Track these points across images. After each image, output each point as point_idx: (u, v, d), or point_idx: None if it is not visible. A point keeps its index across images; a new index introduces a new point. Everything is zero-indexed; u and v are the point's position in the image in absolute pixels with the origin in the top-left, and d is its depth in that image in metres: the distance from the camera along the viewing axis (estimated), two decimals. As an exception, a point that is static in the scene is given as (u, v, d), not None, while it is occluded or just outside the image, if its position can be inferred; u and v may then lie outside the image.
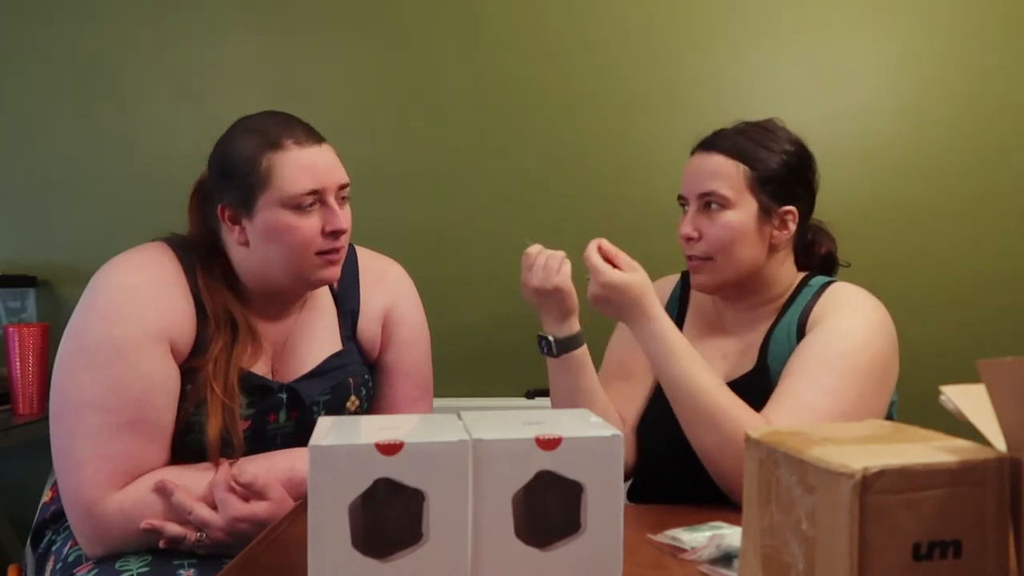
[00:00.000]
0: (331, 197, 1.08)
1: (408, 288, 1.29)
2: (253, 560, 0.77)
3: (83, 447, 1.00)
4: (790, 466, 0.50)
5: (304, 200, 1.05)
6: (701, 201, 1.12)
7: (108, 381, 1.01)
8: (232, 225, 1.09)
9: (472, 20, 2.02)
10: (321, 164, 1.08)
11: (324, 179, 1.07)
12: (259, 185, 1.06)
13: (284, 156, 1.06)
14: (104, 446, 1.00)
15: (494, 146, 2.01)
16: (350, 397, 1.19)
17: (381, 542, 0.61)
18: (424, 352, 1.28)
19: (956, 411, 0.52)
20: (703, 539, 0.78)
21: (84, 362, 1.03)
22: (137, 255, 1.13)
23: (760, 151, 1.13)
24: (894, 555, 0.44)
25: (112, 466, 1.00)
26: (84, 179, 2.05)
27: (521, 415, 0.71)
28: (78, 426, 1.01)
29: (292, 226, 1.05)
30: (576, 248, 1.10)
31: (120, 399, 1.01)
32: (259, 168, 1.06)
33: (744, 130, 1.15)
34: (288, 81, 2.03)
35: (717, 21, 1.99)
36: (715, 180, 1.10)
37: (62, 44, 2.06)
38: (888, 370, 1.10)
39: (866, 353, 1.05)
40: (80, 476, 1.00)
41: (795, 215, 1.14)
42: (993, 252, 1.95)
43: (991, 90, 1.95)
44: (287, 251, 1.07)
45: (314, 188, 1.06)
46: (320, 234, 1.07)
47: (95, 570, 1.00)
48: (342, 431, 0.64)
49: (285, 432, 1.13)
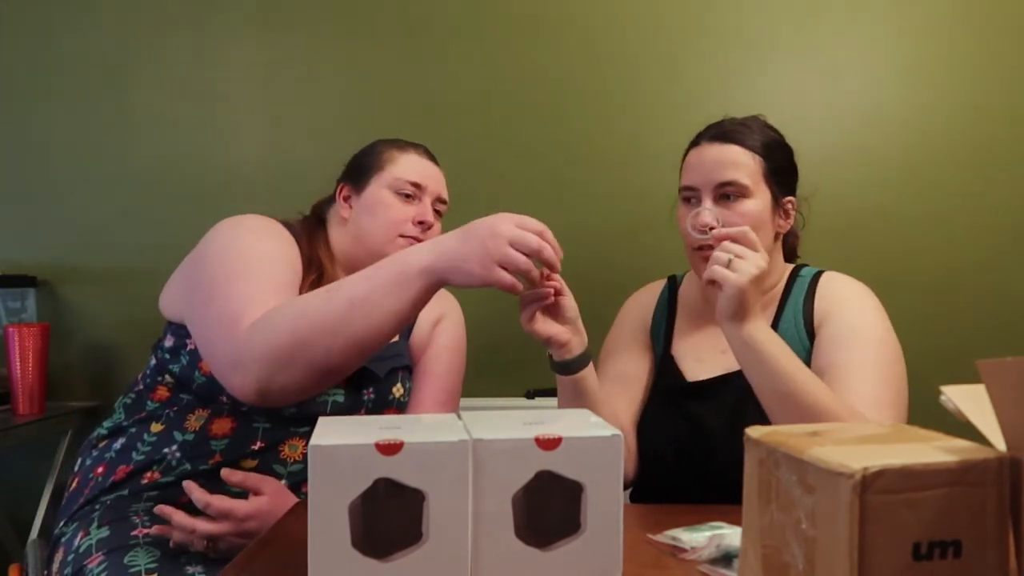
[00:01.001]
0: (428, 198, 1.26)
1: (458, 310, 1.42)
2: (253, 560, 0.77)
3: (239, 302, 1.00)
4: (790, 466, 0.50)
5: (406, 187, 1.24)
6: (718, 191, 1.13)
7: (259, 263, 1.07)
8: (344, 202, 1.28)
9: (476, 16, 2.02)
10: (430, 172, 1.28)
11: (428, 181, 1.26)
12: (376, 167, 1.26)
13: (403, 154, 1.27)
14: (258, 296, 1.00)
15: (495, 146, 2.01)
16: (397, 384, 1.27)
17: (381, 542, 0.61)
18: (458, 364, 1.36)
19: (956, 411, 0.52)
20: (703, 539, 0.78)
21: (234, 256, 1.08)
22: (255, 215, 1.21)
23: (770, 143, 1.17)
24: (894, 555, 0.44)
25: (263, 306, 0.98)
26: (84, 179, 2.05)
27: (521, 415, 0.71)
28: (233, 290, 1.02)
29: (390, 204, 1.23)
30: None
31: (273, 280, 1.06)
32: (381, 156, 1.27)
33: (748, 123, 1.18)
34: (289, 81, 2.03)
35: (717, 21, 1.99)
36: (736, 170, 1.12)
37: (62, 44, 2.06)
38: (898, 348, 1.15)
39: (890, 338, 1.12)
40: (235, 319, 0.98)
41: (795, 205, 1.20)
42: (993, 252, 1.95)
43: (990, 91, 1.95)
44: (379, 226, 1.22)
45: (417, 182, 1.24)
46: (410, 221, 1.23)
47: (105, 561, 1.01)
48: (342, 431, 0.64)
49: (336, 401, 1.19)
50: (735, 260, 0.98)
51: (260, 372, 0.93)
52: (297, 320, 0.93)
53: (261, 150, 2.03)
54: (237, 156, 2.04)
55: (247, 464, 1.13)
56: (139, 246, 2.04)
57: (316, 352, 0.92)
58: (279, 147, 2.03)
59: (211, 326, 1.01)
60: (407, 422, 0.68)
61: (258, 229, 1.16)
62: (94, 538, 1.06)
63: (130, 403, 1.22)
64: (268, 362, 0.93)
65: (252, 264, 1.06)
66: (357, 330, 0.93)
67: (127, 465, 1.15)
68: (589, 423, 0.69)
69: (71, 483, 1.20)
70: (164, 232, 2.00)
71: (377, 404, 1.23)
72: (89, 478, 1.17)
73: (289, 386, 0.95)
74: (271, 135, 2.04)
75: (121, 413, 1.22)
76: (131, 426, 1.19)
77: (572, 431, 0.64)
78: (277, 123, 2.03)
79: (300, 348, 0.92)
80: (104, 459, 1.18)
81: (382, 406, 1.24)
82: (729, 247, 0.99)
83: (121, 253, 2.03)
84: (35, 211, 2.05)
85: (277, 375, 0.93)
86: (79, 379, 2.03)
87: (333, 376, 0.97)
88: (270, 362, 0.93)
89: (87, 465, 1.20)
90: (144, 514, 1.10)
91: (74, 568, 1.04)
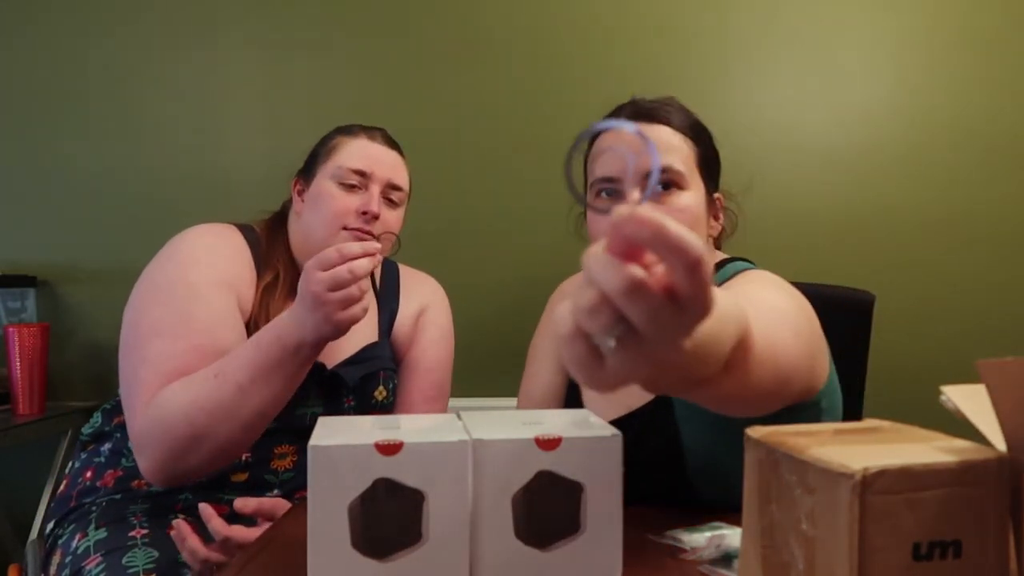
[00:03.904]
0: (375, 186, 1.17)
1: (442, 298, 1.37)
2: (253, 560, 0.77)
3: (149, 369, 1.02)
4: (790, 466, 0.50)
5: (350, 177, 1.16)
6: (647, 181, 0.91)
7: (179, 313, 1.06)
8: (298, 196, 1.23)
9: (477, 21, 2.02)
10: (378, 156, 1.19)
11: (374, 167, 1.17)
12: (322, 157, 1.20)
13: (349, 141, 1.20)
14: (166, 363, 1.02)
15: (496, 146, 2.01)
16: (379, 387, 1.24)
17: (381, 542, 0.61)
18: (446, 356, 1.34)
19: (956, 411, 0.52)
20: (703, 539, 0.78)
21: (158, 298, 1.08)
22: (211, 225, 1.21)
23: (696, 127, 0.98)
24: (894, 555, 0.44)
25: (167, 379, 1.01)
26: (84, 179, 2.05)
27: (521, 415, 0.71)
28: (147, 352, 1.04)
29: (333, 196, 1.16)
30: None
31: (188, 328, 1.05)
32: (328, 145, 1.21)
33: (669, 103, 0.99)
34: (289, 82, 2.03)
35: (718, 21, 1.99)
36: (668, 154, 0.93)
37: (62, 45, 2.06)
38: (819, 328, 0.86)
39: (803, 304, 0.85)
40: (141, 393, 1.02)
41: (723, 203, 1.02)
42: (993, 253, 1.95)
43: (991, 91, 1.95)
44: (322, 220, 1.16)
45: (361, 169, 1.16)
46: (354, 212, 1.15)
47: (103, 562, 1.01)
48: (342, 431, 0.64)
49: (315, 412, 1.17)
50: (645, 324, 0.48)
51: (162, 459, 0.99)
52: (190, 409, 0.97)
53: (261, 151, 2.03)
54: (237, 157, 2.04)
55: (238, 478, 1.13)
56: (139, 246, 2.02)
57: (216, 437, 0.97)
58: (279, 148, 2.03)
59: (125, 390, 1.05)
60: (407, 422, 0.68)
61: (196, 253, 1.12)
62: (92, 539, 1.06)
63: (110, 408, 1.23)
64: (167, 451, 0.98)
65: (173, 308, 1.06)
66: (251, 411, 0.98)
67: (117, 470, 1.16)
68: (589, 423, 0.69)
69: (61, 485, 1.21)
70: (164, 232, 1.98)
71: (359, 411, 1.21)
72: (78, 481, 1.18)
73: (193, 469, 1.00)
74: (271, 136, 2.03)
75: (99, 417, 1.23)
76: (114, 431, 1.19)
77: (572, 431, 0.64)
78: (277, 124, 2.03)
79: (198, 437, 0.97)
80: (92, 463, 1.18)
81: (364, 412, 1.22)
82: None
83: (121, 253, 2.03)
84: (35, 211, 2.05)
85: (179, 462, 0.98)
86: (79, 379, 2.03)
87: (238, 451, 1.02)
88: (169, 451, 0.98)
89: (76, 468, 1.20)
90: (142, 515, 1.10)
91: (72, 569, 1.04)
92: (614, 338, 0.38)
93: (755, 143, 1.97)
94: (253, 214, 1.30)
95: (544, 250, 1.95)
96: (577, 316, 0.39)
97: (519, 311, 1.81)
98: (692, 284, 0.36)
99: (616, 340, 0.38)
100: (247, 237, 1.20)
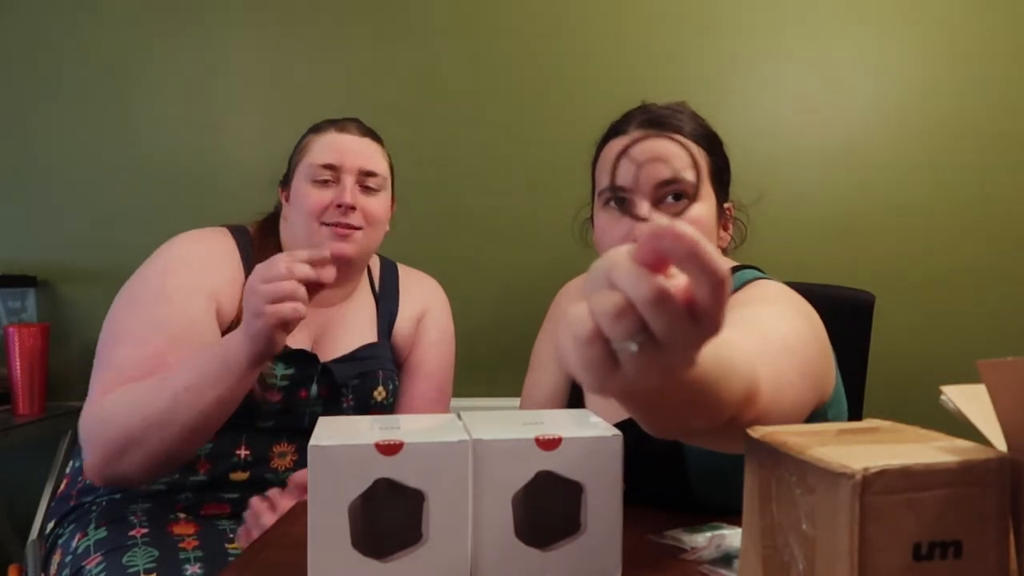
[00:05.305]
0: (348, 177, 1.16)
1: (443, 299, 1.37)
2: (253, 560, 0.77)
3: (109, 373, 1.03)
4: (790, 466, 0.50)
5: (321, 173, 1.16)
6: (659, 192, 0.92)
7: (148, 318, 1.06)
8: (284, 200, 1.24)
9: (477, 15, 2.02)
10: (347, 147, 1.18)
11: (343, 159, 1.17)
12: (297, 158, 1.21)
13: (318, 138, 1.20)
14: (127, 369, 1.02)
15: (499, 146, 2.01)
16: (378, 387, 1.23)
17: (381, 542, 0.61)
18: (448, 358, 1.34)
19: (956, 411, 0.52)
20: (703, 539, 0.78)
21: (133, 304, 1.08)
22: (198, 231, 1.21)
23: (709, 136, 0.97)
24: (894, 555, 0.44)
25: (125, 383, 1.01)
26: (84, 179, 2.05)
27: (521, 415, 0.71)
28: (113, 356, 1.04)
29: (307, 195, 1.16)
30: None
31: (155, 334, 1.04)
32: (300, 145, 1.22)
33: (679, 109, 0.99)
34: (289, 80, 2.03)
35: (718, 21, 1.99)
36: (683, 166, 0.92)
37: (62, 43, 2.06)
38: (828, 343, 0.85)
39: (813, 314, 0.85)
40: (94, 394, 1.03)
41: (732, 213, 1.01)
42: (993, 253, 1.95)
43: (992, 91, 1.95)
44: (301, 219, 1.17)
45: (331, 163, 1.16)
46: (329, 206, 1.15)
47: (104, 562, 1.01)
48: (342, 431, 0.64)
49: (314, 412, 1.17)
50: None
51: (100, 460, 1.00)
52: (128, 416, 0.98)
53: (261, 150, 2.03)
54: (237, 156, 2.03)
55: (238, 476, 1.14)
56: (139, 246, 2.00)
57: (151, 444, 0.97)
58: (279, 147, 2.02)
59: (90, 385, 1.05)
60: (407, 422, 0.68)
61: (174, 262, 1.13)
62: (92, 539, 1.06)
63: None
64: (104, 454, 0.99)
65: (144, 315, 1.06)
66: (186, 420, 0.97)
67: None
68: (589, 423, 0.69)
69: (61, 484, 1.21)
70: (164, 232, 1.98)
71: (358, 411, 1.21)
72: (78, 480, 1.18)
73: (130, 473, 1.00)
74: (271, 134, 2.03)
75: None
76: None
77: (572, 431, 0.64)
78: (278, 122, 2.03)
79: (134, 443, 0.97)
80: None
81: (364, 412, 1.22)
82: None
83: (121, 253, 2.03)
84: (35, 211, 2.05)
85: (114, 463, 0.99)
86: (79, 379, 2.03)
87: (177, 460, 1.02)
88: (105, 454, 0.99)
89: (76, 467, 1.20)
90: (142, 514, 1.10)
91: (72, 569, 1.04)
92: (637, 344, 0.39)
93: (755, 143, 1.97)
94: (252, 214, 1.31)
95: (546, 250, 1.95)
96: (600, 320, 0.39)
97: (520, 311, 1.81)
98: (713, 301, 0.38)
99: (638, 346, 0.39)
100: (239, 240, 1.20)
